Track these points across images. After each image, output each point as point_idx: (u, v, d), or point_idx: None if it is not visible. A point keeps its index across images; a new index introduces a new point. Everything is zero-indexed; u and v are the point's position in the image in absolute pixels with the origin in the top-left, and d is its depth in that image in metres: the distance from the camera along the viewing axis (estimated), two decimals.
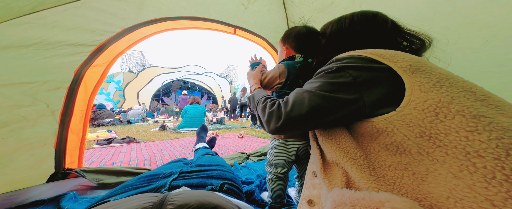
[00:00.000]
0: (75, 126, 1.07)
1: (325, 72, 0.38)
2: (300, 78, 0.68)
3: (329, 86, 0.35)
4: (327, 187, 0.33)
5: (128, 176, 1.08)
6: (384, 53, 0.35)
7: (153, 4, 1.15)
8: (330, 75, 0.37)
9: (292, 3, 1.52)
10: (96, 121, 4.24)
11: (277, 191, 0.76)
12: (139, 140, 2.51)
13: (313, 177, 0.42)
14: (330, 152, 0.36)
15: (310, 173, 0.43)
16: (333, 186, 0.33)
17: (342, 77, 0.35)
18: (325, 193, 0.34)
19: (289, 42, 0.73)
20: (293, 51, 0.73)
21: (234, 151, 1.95)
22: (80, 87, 1.03)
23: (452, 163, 0.23)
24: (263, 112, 0.42)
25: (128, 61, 14.29)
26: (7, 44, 0.82)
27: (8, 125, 0.85)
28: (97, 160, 1.62)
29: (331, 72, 0.37)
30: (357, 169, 0.31)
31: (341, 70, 0.36)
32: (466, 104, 0.25)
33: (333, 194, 0.30)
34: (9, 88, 0.84)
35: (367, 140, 0.33)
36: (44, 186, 0.94)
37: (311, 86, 0.37)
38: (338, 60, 0.38)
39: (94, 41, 1.01)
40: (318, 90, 0.36)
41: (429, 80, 0.29)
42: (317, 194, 0.39)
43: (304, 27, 0.72)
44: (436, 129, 0.25)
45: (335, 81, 0.35)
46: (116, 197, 0.54)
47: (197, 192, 0.43)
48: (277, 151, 0.72)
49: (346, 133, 0.36)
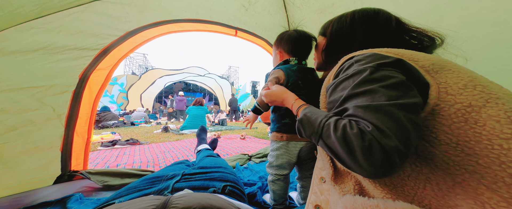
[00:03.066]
0: (80, 129, 1.09)
1: (363, 76, 0.29)
2: (299, 80, 0.69)
3: (393, 91, 0.26)
4: (338, 193, 0.32)
5: (132, 177, 1.10)
6: (402, 52, 0.31)
7: (155, 8, 1.17)
8: (373, 78, 0.29)
9: (292, 5, 1.52)
10: (101, 123, 4.30)
11: (278, 193, 0.75)
12: (142, 142, 2.53)
13: (321, 183, 0.40)
14: None
15: (317, 179, 0.41)
16: (345, 193, 0.31)
17: (392, 77, 0.28)
18: (336, 199, 0.32)
19: (282, 46, 0.75)
20: (286, 55, 0.75)
21: (236, 153, 1.96)
22: (85, 90, 1.06)
23: (484, 174, 0.21)
24: (345, 144, 0.25)
25: (131, 64, 14.49)
26: (15, 49, 0.84)
27: (16, 128, 0.87)
28: (101, 161, 1.64)
29: (370, 74, 0.29)
30: (370, 180, 0.28)
31: (378, 69, 0.29)
32: (502, 109, 0.22)
33: (345, 200, 0.29)
34: (17, 93, 0.86)
35: None
36: (51, 187, 0.96)
37: (374, 99, 0.27)
38: (359, 60, 0.32)
39: (98, 45, 1.03)
40: (394, 101, 0.25)
41: (459, 80, 0.25)
42: (325, 199, 0.38)
43: (294, 31, 0.74)
44: (465, 136, 0.22)
45: (389, 83, 0.27)
46: (120, 199, 0.55)
47: (199, 195, 0.43)
48: (278, 153, 0.72)
49: None
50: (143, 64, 15.32)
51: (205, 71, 12.79)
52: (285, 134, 0.71)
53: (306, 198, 0.77)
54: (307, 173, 0.78)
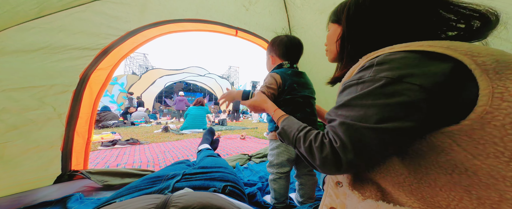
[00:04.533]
0: (81, 129, 1.09)
1: (372, 87, 0.27)
2: (295, 83, 0.72)
3: (387, 111, 0.26)
4: (357, 198, 0.31)
5: (132, 177, 1.10)
6: (455, 45, 0.25)
7: (155, 7, 1.17)
8: (382, 92, 0.26)
9: (293, 5, 1.52)
10: (101, 123, 4.31)
11: (280, 191, 0.76)
12: (143, 142, 2.53)
13: (337, 187, 0.37)
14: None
15: (333, 183, 0.38)
16: (366, 198, 0.29)
17: (402, 95, 0.25)
18: (354, 203, 0.30)
19: (274, 51, 0.79)
20: (278, 59, 0.78)
21: (236, 153, 1.96)
22: (86, 90, 1.06)
23: None
24: (310, 154, 0.32)
25: (132, 64, 14.50)
26: (16, 48, 0.84)
27: (17, 128, 0.87)
28: (102, 161, 1.65)
29: (382, 86, 0.26)
30: (395, 186, 0.27)
31: (397, 82, 0.25)
32: None
33: (366, 205, 0.27)
34: (18, 92, 0.86)
35: (413, 156, 0.27)
36: (51, 187, 0.96)
37: (365, 115, 0.27)
38: (381, 63, 0.27)
39: (99, 44, 1.04)
40: (376, 124, 0.26)
41: None
42: (341, 203, 0.35)
43: (285, 36, 0.78)
44: None
45: (392, 101, 0.25)
46: (121, 199, 0.55)
47: (199, 194, 0.43)
48: (278, 151, 0.73)
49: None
50: (143, 64, 15.33)
51: (205, 71, 12.79)
52: None
53: (305, 196, 0.78)
54: (305, 170, 0.79)
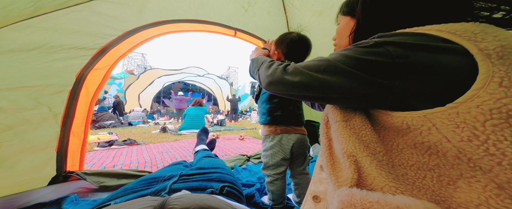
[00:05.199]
0: (76, 129, 1.07)
1: (355, 45, 0.30)
2: None
3: (351, 60, 0.28)
4: (333, 184, 0.30)
5: (129, 178, 1.09)
6: (463, 28, 0.25)
7: (154, 7, 1.17)
8: (359, 50, 0.28)
9: (292, 6, 1.53)
10: (97, 123, 4.26)
11: (277, 193, 0.76)
12: (140, 142, 2.51)
13: (320, 171, 0.38)
14: (345, 143, 0.31)
15: (317, 167, 0.39)
16: (341, 184, 0.29)
17: (375, 55, 0.27)
18: (332, 191, 0.31)
19: (282, 48, 0.76)
20: (282, 57, 0.77)
21: (234, 153, 1.95)
22: (82, 90, 1.05)
23: (499, 173, 0.20)
24: (268, 68, 0.39)
25: (129, 63, 14.40)
26: (11, 48, 0.83)
27: (12, 128, 0.86)
28: (98, 162, 1.63)
29: (364, 46, 0.28)
30: (377, 165, 0.27)
31: (378, 45, 0.27)
32: None
33: (341, 193, 0.28)
34: (13, 92, 0.85)
35: (392, 135, 0.28)
36: (45, 188, 0.95)
37: (330, 57, 0.31)
38: (382, 35, 0.29)
39: (96, 44, 1.03)
40: (334, 61, 0.29)
41: None
42: (324, 189, 0.36)
43: (297, 35, 0.75)
44: (500, 134, 0.20)
45: (363, 57, 0.27)
46: (116, 201, 0.54)
47: (197, 196, 0.43)
48: (273, 151, 0.73)
49: (367, 124, 0.30)
50: (141, 64, 15.24)
51: (204, 71, 12.76)
52: (278, 126, 0.74)
53: (301, 195, 0.78)
54: (299, 169, 0.79)
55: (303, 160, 0.80)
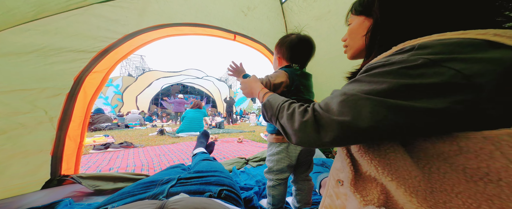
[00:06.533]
0: (73, 132, 1.06)
1: (399, 67, 0.24)
2: (301, 85, 0.69)
3: (405, 90, 0.23)
4: (358, 202, 0.28)
5: (126, 182, 1.07)
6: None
7: (154, 11, 1.18)
8: (407, 73, 0.23)
9: (290, 11, 1.57)
10: (93, 126, 4.20)
11: (278, 197, 0.75)
12: (137, 145, 2.48)
13: (338, 186, 0.35)
14: (368, 166, 0.28)
15: (334, 181, 0.36)
16: (367, 203, 0.27)
17: (435, 76, 0.22)
18: (354, 207, 0.29)
19: (282, 53, 0.73)
20: (285, 61, 0.73)
21: (233, 156, 1.94)
22: (80, 93, 1.04)
23: None
24: (290, 119, 0.32)
25: (128, 65, 14.36)
26: (7, 51, 0.83)
27: (6, 132, 0.84)
28: (93, 165, 1.60)
29: (413, 67, 0.23)
30: (406, 190, 0.24)
31: (434, 64, 0.22)
32: None
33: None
34: (7, 96, 0.84)
35: (433, 158, 0.24)
36: (38, 193, 0.92)
37: (369, 89, 0.24)
38: (424, 47, 0.24)
39: (95, 47, 1.03)
40: (384, 97, 0.23)
41: None
42: (341, 204, 0.33)
43: (296, 37, 0.71)
44: None
45: (419, 82, 0.22)
46: (113, 205, 0.54)
47: (195, 199, 0.43)
48: (279, 157, 0.71)
49: (399, 148, 0.26)
50: (140, 66, 15.19)
51: (203, 73, 12.77)
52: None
53: (301, 201, 0.77)
54: (303, 175, 0.78)
55: (308, 167, 0.78)
